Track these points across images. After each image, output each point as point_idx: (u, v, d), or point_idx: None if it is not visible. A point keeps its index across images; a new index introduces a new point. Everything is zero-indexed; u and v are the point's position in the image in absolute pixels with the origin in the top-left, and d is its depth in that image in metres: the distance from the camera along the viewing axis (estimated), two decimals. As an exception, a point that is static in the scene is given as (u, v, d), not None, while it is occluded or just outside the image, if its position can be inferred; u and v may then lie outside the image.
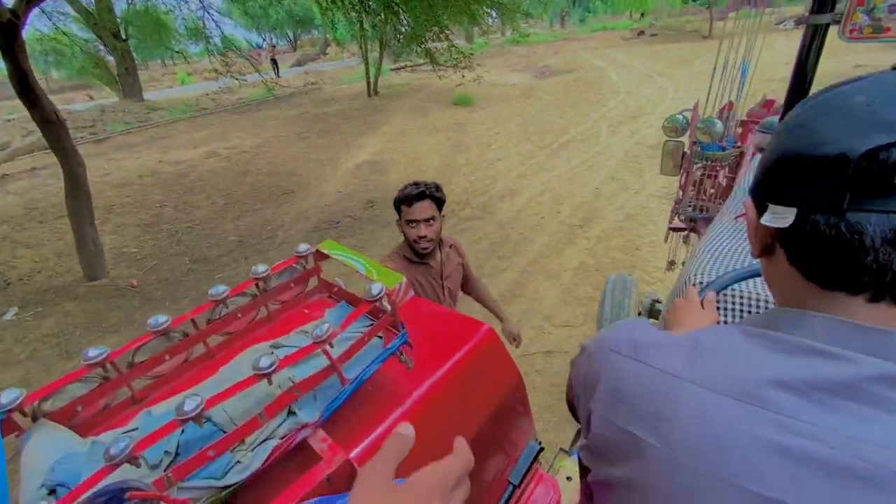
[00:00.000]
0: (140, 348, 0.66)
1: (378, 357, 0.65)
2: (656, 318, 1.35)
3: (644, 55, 16.68)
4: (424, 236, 1.66)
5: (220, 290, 0.71)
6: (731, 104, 2.20)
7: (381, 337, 0.71)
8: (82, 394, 0.60)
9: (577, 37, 26.52)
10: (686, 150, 2.19)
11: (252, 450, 0.55)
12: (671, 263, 2.75)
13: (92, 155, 7.59)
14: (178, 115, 11.59)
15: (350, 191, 6.12)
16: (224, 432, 0.54)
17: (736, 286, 0.93)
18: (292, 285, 0.87)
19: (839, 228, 0.35)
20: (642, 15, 29.19)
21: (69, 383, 0.59)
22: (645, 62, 14.85)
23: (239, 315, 0.75)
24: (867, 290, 0.36)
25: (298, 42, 40.13)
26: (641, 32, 23.49)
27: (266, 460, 0.53)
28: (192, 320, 0.70)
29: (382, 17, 4.17)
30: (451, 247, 1.89)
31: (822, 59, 1.29)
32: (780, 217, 0.39)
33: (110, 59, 12.54)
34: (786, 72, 1.52)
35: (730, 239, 1.16)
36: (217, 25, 4.04)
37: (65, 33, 6.64)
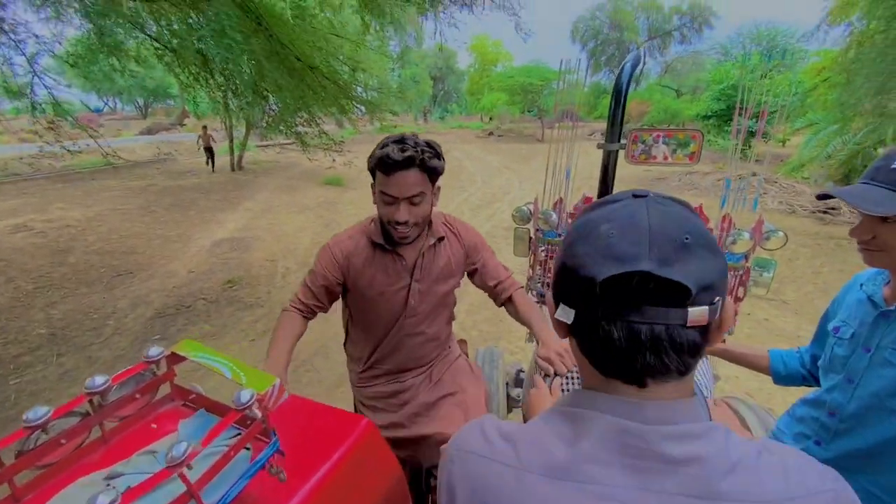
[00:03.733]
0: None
1: (244, 474, 0.59)
2: (520, 386, 1.51)
3: (494, 151, 19.36)
4: (405, 222, 1.18)
5: (41, 413, 0.59)
6: (560, 199, 2.59)
7: (248, 448, 0.64)
8: None
9: (438, 131, 29.69)
10: (532, 235, 2.54)
11: None
12: (530, 335, 3.11)
13: None
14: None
15: (205, 270, 5.53)
16: None
17: (575, 368, 1.08)
18: (137, 396, 0.75)
19: (597, 332, 0.44)
20: (490, 118, 34.21)
21: None
22: (495, 157, 17.26)
23: (63, 441, 0.62)
24: (634, 380, 0.45)
25: (150, 109, 37.05)
26: (491, 133, 27.49)
27: None
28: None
29: (250, 99, 4.17)
30: (440, 240, 1.36)
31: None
32: (566, 315, 0.48)
33: None
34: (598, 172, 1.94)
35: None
36: (50, 93, 3.54)
37: None
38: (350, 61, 4.89)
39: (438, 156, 1.19)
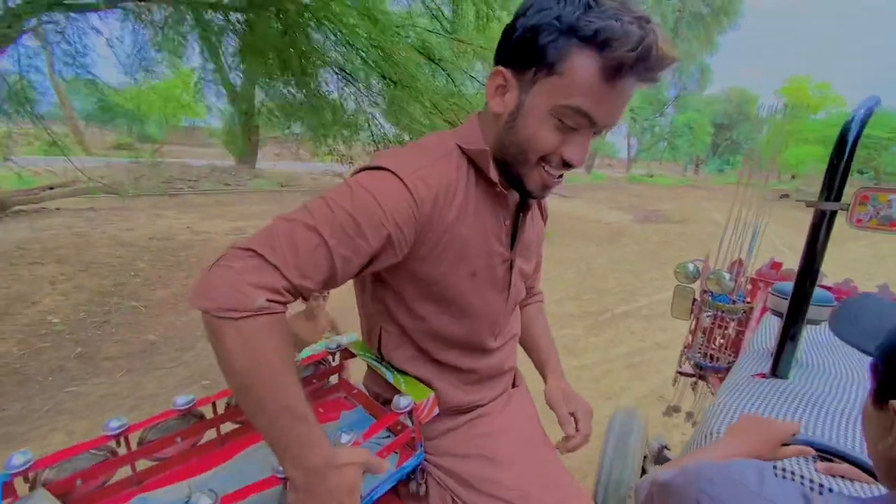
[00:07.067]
0: (154, 427, 0.68)
1: (391, 476, 0.67)
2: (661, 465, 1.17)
3: (780, 220, 13.93)
4: (570, 162, 0.69)
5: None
6: (740, 261, 2.27)
7: (397, 453, 0.72)
8: (86, 467, 0.61)
9: (708, 185, 24.58)
10: (696, 297, 2.26)
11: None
12: (673, 408, 2.50)
13: (142, 209, 7.95)
14: (269, 187, 12.32)
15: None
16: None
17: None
18: (314, 381, 0.90)
19: None
20: (793, 177, 26.23)
21: (79, 454, 0.60)
22: (778, 229, 12.08)
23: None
24: None
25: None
26: (786, 195, 20.50)
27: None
28: (213, 403, 0.74)
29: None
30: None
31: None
32: None
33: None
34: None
35: (749, 397, 1.19)
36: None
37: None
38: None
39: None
